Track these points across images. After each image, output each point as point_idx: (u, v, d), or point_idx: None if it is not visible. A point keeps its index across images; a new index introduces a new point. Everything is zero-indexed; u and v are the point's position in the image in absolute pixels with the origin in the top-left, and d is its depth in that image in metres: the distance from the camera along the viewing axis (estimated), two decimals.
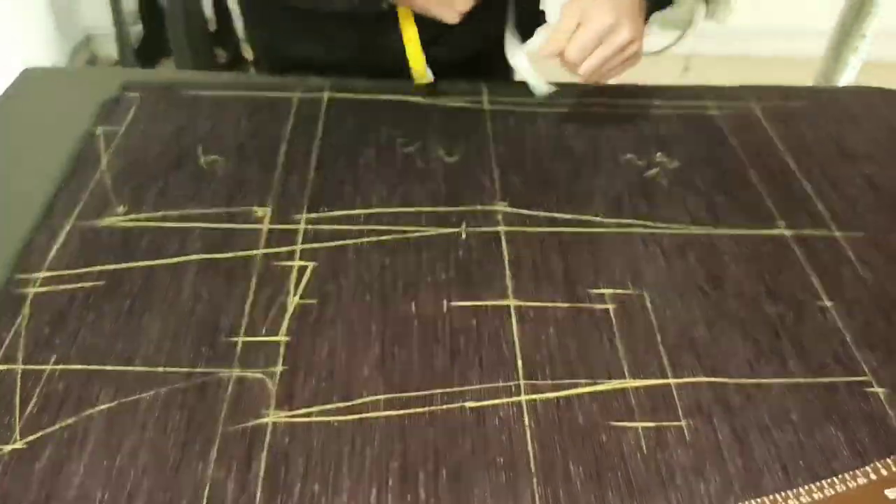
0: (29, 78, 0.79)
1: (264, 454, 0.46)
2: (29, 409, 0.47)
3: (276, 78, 0.82)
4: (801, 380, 0.51)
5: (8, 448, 0.45)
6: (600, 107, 0.79)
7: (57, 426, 0.47)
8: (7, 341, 0.51)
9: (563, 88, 0.80)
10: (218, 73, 0.83)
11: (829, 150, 0.74)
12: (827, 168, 0.72)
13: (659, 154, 0.72)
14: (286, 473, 0.45)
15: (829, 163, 0.72)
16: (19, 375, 0.49)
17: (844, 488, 0.44)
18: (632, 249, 0.61)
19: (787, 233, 0.64)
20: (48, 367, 0.50)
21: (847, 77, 1.64)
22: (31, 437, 0.46)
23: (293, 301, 0.56)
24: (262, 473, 0.45)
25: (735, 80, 0.86)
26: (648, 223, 0.64)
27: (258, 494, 0.44)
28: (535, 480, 0.45)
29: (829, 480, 0.45)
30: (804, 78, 1.84)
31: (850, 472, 0.45)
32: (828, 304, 0.57)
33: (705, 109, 0.79)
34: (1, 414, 0.47)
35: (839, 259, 0.61)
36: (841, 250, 0.62)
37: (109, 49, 2.20)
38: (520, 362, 0.52)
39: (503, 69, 0.87)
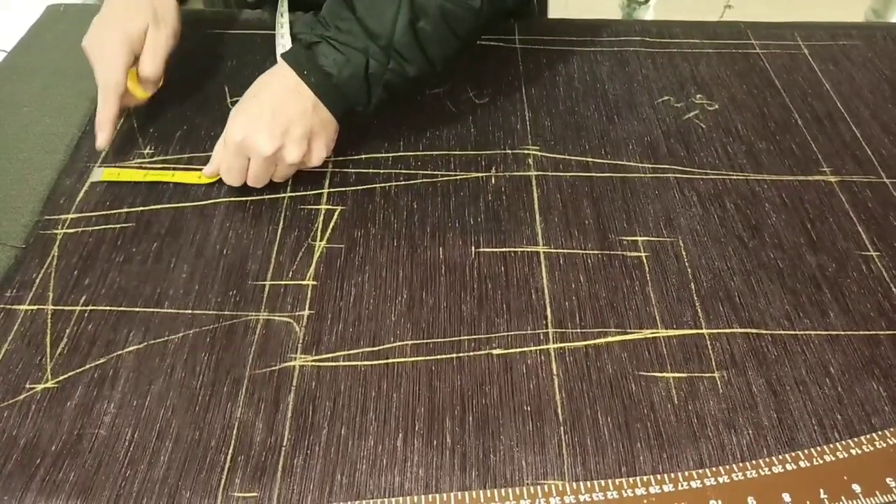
0: (52, 15, 0.78)
1: (291, 397, 0.46)
2: (59, 349, 0.48)
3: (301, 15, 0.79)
4: (842, 332, 0.50)
5: (40, 387, 0.46)
6: (636, 45, 0.75)
7: (87, 366, 0.47)
8: (37, 282, 0.52)
9: (596, 26, 0.76)
10: (242, 10, 0.81)
11: (880, 91, 0.70)
12: (878, 111, 0.68)
13: (698, 96, 0.69)
14: (313, 416, 0.45)
15: (880, 105, 0.69)
16: (49, 316, 0.50)
17: (884, 445, 0.43)
18: (667, 195, 0.59)
19: (833, 179, 0.61)
20: (78, 308, 0.50)
21: None
22: (62, 377, 0.47)
23: (320, 245, 0.55)
24: (290, 415, 0.45)
25: (780, 17, 0.82)
26: (685, 168, 0.62)
27: (286, 436, 0.44)
28: (562, 429, 0.45)
29: (868, 437, 0.44)
30: (854, 15, 1.75)
31: (892, 429, 0.44)
32: (873, 254, 0.55)
33: (748, 48, 0.75)
34: (32, 354, 0.48)
35: (887, 206, 0.59)
36: (889, 198, 0.59)
37: None
38: (549, 310, 0.51)
39: (534, 5, 0.83)
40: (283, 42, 0.69)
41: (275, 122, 0.54)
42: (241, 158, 0.56)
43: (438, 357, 0.48)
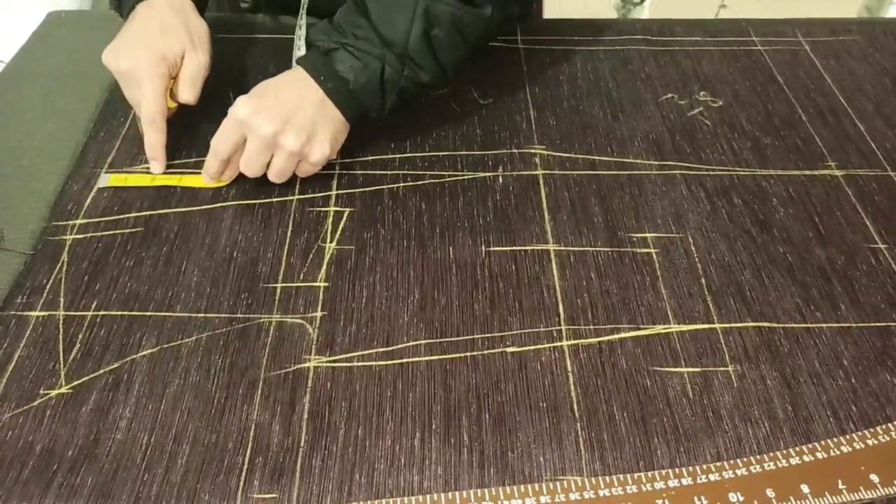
0: (53, 22, 0.78)
1: (307, 398, 0.46)
2: (73, 354, 0.48)
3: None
4: (854, 325, 0.50)
5: (54, 393, 0.46)
6: (638, 44, 0.76)
7: (101, 371, 0.47)
8: (47, 288, 0.52)
9: (598, 26, 0.76)
10: (244, 14, 0.81)
11: (882, 85, 0.71)
12: (880, 105, 0.68)
13: (702, 93, 0.70)
14: (330, 416, 0.45)
15: (882, 99, 0.69)
16: (61, 322, 0.50)
17: None
18: (674, 192, 0.59)
19: (839, 173, 0.61)
20: (89, 314, 0.50)
21: (893, 10, 1.57)
22: (75, 382, 0.46)
23: (330, 247, 0.55)
24: (306, 416, 0.45)
25: (774, 15, 0.82)
26: (691, 164, 0.62)
27: (303, 437, 0.44)
28: (578, 425, 0.45)
29: (883, 427, 0.44)
30: (847, 12, 1.76)
31: None
32: (881, 246, 0.55)
33: (750, 45, 0.76)
34: (45, 360, 0.47)
35: (893, 199, 0.59)
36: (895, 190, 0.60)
37: None
38: (561, 307, 0.51)
39: (536, 5, 0.84)
40: (301, 52, 0.69)
41: (279, 106, 0.54)
42: (237, 136, 0.55)
43: (453, 356, 0.48)
